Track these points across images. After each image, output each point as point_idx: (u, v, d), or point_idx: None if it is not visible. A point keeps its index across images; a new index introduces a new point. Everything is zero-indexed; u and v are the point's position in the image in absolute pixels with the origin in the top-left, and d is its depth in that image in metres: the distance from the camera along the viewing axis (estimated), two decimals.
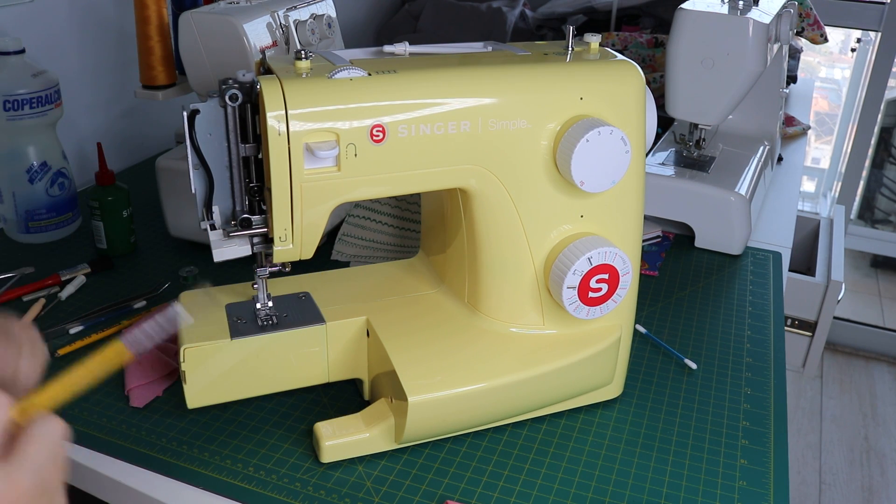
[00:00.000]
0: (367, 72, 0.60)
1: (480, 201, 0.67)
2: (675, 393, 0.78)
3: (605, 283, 0.67)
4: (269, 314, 0.70)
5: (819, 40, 1.66)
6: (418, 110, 0.60)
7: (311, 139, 0.58)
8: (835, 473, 2.02)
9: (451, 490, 0.64)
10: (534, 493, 0.65)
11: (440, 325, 0.72)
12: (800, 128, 1.56)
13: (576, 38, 0.69)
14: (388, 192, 0.63)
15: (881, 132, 2.73)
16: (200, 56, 0.88)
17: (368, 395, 0.74)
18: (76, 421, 0.70)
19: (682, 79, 1.05)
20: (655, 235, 1.09)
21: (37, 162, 1.01)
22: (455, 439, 0.70)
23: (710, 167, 1.14)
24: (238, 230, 0.63)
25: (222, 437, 0.69)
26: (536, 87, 0.64)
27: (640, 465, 0.68)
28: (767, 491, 0.66)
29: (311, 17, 0.95)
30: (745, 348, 0.85)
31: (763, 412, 0.75)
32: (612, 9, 1.67)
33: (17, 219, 1.02)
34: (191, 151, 0.61)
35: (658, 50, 1.50)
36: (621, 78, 0.66)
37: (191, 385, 0.67)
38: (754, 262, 1.05)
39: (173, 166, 0.96)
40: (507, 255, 0.69)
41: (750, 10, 1.03)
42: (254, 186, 0.63)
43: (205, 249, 0.95)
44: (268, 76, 0.58)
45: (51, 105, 0.99)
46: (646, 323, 0.89)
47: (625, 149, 0.64)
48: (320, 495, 0.63)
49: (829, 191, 2.75)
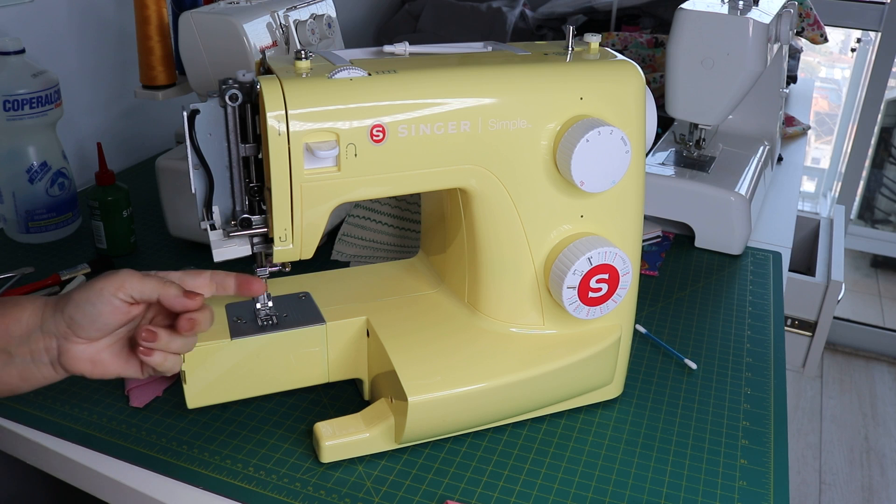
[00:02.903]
0: (367, 72, 0.60)
1: (480, 201, 0.66)
2: (675, 393, 0.78)
3: (605, 283, 0.67)
4: (269, 314, 0.70)
5: (819, 40, 1.66)
6: (418, 110, 0.60)
7: (311, 139, 0.58)
8: (835, 473, 2.02)
9: (451, 490, 0.64)
10: (534, 493, 0.65)
11: (440, 324, 0.72)
12: (800, 128, 1.56)
13: (576, 38, 0.69)
14: (388, 192, 0.63)
15: (881, 132, 2.73)
16: (200, 56, 0.88)
17: (368, 395, 0.74)
18: (76, 421, 0.70)
19: (682, 79, 1.05)
20: (655, 235, 1.09)
21: (37, 162, 1.01)
22: (455, 439, 0.70)
23: (710, 167, 1.14)
24: (238, 230, 0.63)
25: (222, 437, 0.69)
26: (536, 87, 0.64)
27: (640, 465, 0.68)
28: (767, 491, 0.66)
29: (311, 17, 0.95)
30: (745, 348, 0.85)
31: (763, 412, 0.75)
32: (612, 9, 1.66)
33: (17, 219, 1.02)
34: (191, 151, 0.61)
35: (658, 50, 1.50)
36: (621, 78, 0.66)
37: (191, 385, 0.67)
38: (754, 262, 1.05)
39: (173, 166, 0.96)
40: (507, 255, 0.69)
41: (750, 10, 1.03)
42: (254, 186, 0.63)
43: (205, 249, 0.95)
44: (268, 76, 0.58)
45: (51, 105, 0.99)
46: (646, 323, 0.89)
47: (625, 149, 0.64)
48: (320, 495, 0.63)
49: (829, 191, 2.75)
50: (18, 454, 0.71)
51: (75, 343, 0.58)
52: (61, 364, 0.58)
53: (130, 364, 0.60)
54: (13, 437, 0.70)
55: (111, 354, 0.60)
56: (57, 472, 0.69)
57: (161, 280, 0.59)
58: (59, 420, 0.70)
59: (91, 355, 0.59)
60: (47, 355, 0.58)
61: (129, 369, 0.60)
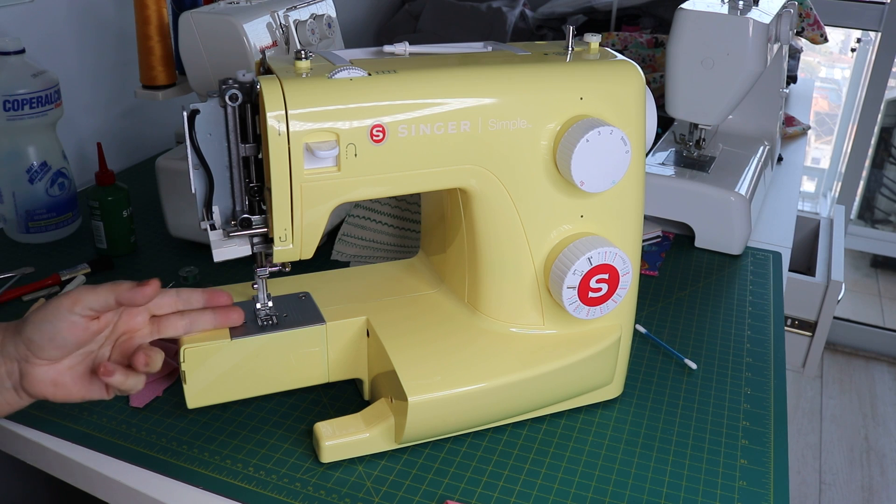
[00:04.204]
0: (367, 72, 0.60)
1: (480, 201, 0.66)
2: (675, 393, 0.78)
3: (605, 283, 0.67)
4: (269, 314, 0.70)
5: (819, 40, 1.66)
6: (418, 110, 0.60)
7: (311, 139, 0.58)
8: (835, 473, 2.02)
9: (451, 490, 0.64)
10: (534, 493, 0.65)
11: (440, 324, 0.72)
12: (800, 128, 1.56)
13: (576, 38, 0.69)
14: (388, 192, 0.63)
15: (881, 132, 2.73)
16: (200, 56, 0.88)
17: (368, 395, 0.74)
18: (76, 421, 0.70)
19: (682, 79, 1.05)
20: (655, 235, 1.09)
21: (37, 162, 1.01)
22: (455, 439, 0.70)
23: (710, 167, 1.14)
24: (238, 230, 0.63)
25: (222, 437, 0.69)
26: (536, 87, 0.64)
27: (640, 465, 0.68)
28: (767, 491, 0.66)
29: (311, 17, 0.95)
30: (745, 348, 0.85)
31: (763, 412, 0.75)
32: (612, 9, 1.66)
33: (17, 219, 1.02)
34: (191, 151, 0.61)
35: (658, 50, 1.50)
36: (621, 78, 0.66)
37: (191, 385, 0.67)
38: (754, 262, 1.05)
39: (173, 166, 0.96)
40: (507, 255, 0.69)
41: (750, 10, 1.03)
42: (254, 186, 0.63)
43: (205, 249, 0.95)
44: (268, 76, 0.58)
45: (51, 105, 0.99)
46: (646, 323, 0.89)
47: (625, 149, 0.64)
48: (320, 495, 0.63)
49: (829, 191, 2.75)
50: (19, 454, 0.71)
51: (36, 365, 0.57)
52: (24, 388, 0.58)
53: (94, 386, 0.60)
54: (13, 438, 0.70)
55: (73, 377, 0.59)
56: (57, 472, 0.69)
57: (112, 283, 0.58)
58: (59, 420, 0.70)
59: (53, 377, 0.58)
60: (10, 380, 0.58)
61: (93, 392, 0.60)
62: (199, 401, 0.68)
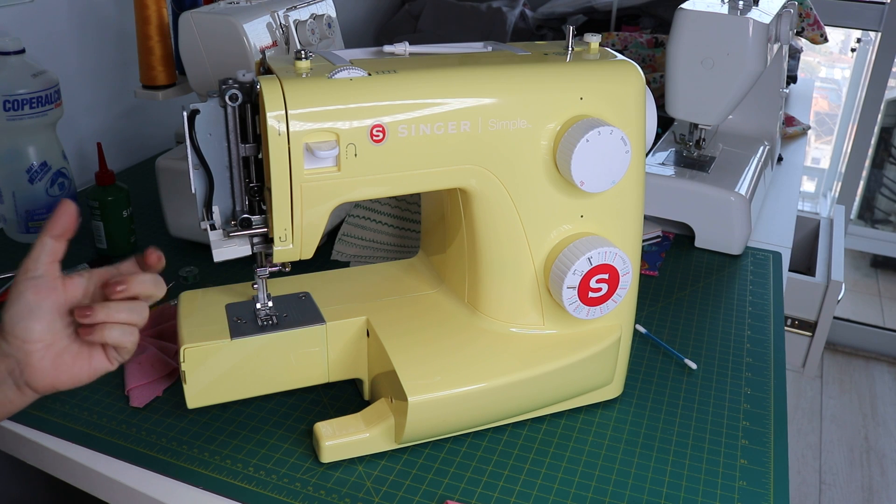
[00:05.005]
0: (367, 72, 0.60)
1: (480, 201, 0.66)
2: (675, 393, 0.78)
3: (605, 283, 0.67)
4: (269, 314, 0.70)
5: (819, 40, 1.66)
6: (418, 110, 0.60)
7: (311, 139, 0.58)
8: (835, 473, 2.02)
9: (451, 490, 0.64)
10: (534, 493, 0.65)
11: (440, 324, 0.72)
12: (800, 128, 1.56)
13: (576, 38, 0.69)
14: (388, 192, 0.63)
15: (881, 132, 2.73)
16: (200, 56, 0.88)
17: (368, 395, 0.74)
18: (76, 421, 0.70)
19: (682, 79, 1.05)
20: (655, 235, 1.09)
21: (37, 162, 1.01)
22: (455, 439, 0.70)
23: (710, 167, 1.14)
24: (238, 230, 0.63)
25: (222, 437, 0.69)
26: (536, 87, 0.64)
27: (640, 465, 0.68)
28: (767, 491, 0.66)
29: (311, 17, 0.95)
30: (745, 348, 0.85)
31: (763, 412, 0.75)
32: (612, 9, 1.67)
33: (17, 219, 1.02)
34: (191, 151, 0.61)
35: (658, 50, 1.50)
36: (621, 78, 0.66)
37: (191, 385, 0.67)
38: (754, 262, 1.05)
39: (173, 166, 0.96)
40: (507, 255, 0.69)
41: (750, 10, 1.03)
42: (254, 186, 0.63)
43: (205, 249, 0.95)
44: (268, 76, 0.58)
45: (51, 105, 0.99)
46: (646, 323, 0.89)
47: (625, 149, 0.64)
48: (320, 495, 0.63)
49: (829, 191, 2.75)
50: (19, 454, 0.71)
51: (31, 353, 0.57)
52: (29, 384, 0.58)
53: (95, 359, 0.59)
54: (14, 438, 0.70)
55: (72, 356, 0.59)
56: (57, 472, 0.69)
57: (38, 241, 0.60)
58: (59, 420, 0.70)
59: (52, 361, 0.58)
60: (11, 377, 0.57)
61: (96, 364, 0.59)
62: (199, 401, 0.68)
